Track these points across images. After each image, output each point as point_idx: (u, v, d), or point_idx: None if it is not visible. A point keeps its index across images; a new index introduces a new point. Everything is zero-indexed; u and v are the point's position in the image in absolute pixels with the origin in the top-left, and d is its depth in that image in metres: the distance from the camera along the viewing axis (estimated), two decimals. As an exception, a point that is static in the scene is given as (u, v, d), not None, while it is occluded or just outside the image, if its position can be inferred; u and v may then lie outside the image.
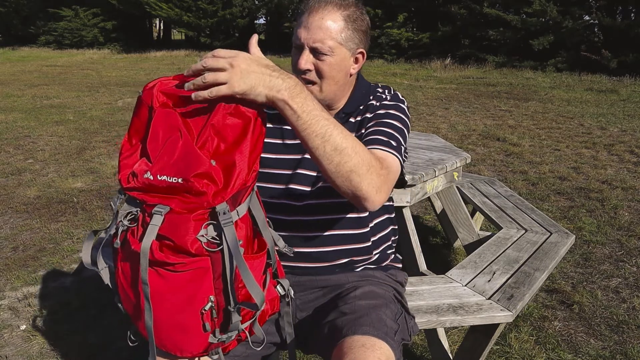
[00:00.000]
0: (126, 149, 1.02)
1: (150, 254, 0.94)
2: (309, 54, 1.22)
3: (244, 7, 20.15)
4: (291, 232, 1.31)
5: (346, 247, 1.34)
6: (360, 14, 1.26)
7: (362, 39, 1.27)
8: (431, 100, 8.66)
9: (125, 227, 0.99)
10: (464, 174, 3.08)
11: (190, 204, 0.93)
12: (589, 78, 11.23)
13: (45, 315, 2.40)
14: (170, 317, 1.00)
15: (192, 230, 0.93)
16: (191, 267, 0.95)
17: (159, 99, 1.00)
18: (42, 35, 22.45)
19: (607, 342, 2.19)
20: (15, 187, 4.21)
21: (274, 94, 0.95)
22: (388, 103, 1.32)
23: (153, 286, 0.96)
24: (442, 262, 2.92)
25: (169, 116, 0.97)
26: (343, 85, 1.30)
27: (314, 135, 0.99)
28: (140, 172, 0.95)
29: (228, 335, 1.02)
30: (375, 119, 1.28)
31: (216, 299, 0.99)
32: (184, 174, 0.92)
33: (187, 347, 1.03)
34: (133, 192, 0.97)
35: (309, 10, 1.22)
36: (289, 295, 1.20)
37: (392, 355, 1.09)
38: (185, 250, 0.94)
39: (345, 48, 1.24)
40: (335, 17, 1.21)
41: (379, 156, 1.15)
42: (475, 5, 13.78)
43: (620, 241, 3.19)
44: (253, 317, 1.06)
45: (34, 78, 11.82)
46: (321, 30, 1.20)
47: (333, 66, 1.23)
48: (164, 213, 0.93)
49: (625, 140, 5.79)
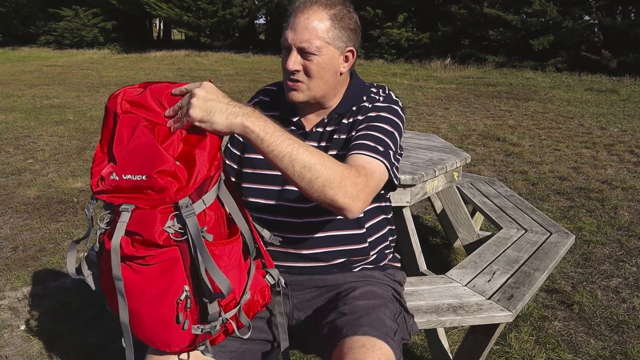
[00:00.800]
0: (98, 157, 1.06)
1: (121, 250, 0.98)
2: (296, 54, 1.23)
3: (244, 7, 20.14)
4: (287, 234, 1.31)
5: (342, 248, 1.34)
6: (348, 12, 1.26)
7: (350, 37, 1.27)
8: (431, 100, 8.65)
9: (103, 230, 1.03)
10: (464, 174, 3.08)
11: (153, 201, 0.97)
12: (589, 78, 11.23)
13: (45, 315, 2.40)
14: (151, 311, 1.02)
15: (158, 222, 0.97)
16: (161, 259, 0.99)
17: (122, 107, 1.04)
18: (42, 35, 22.44)
19: (607, 342, 2.19)
20: (15, 187, 4.21)
21: (232, 119, 0.98)
22: (380, 105, 1.31)
23: (130, 282, 1.00)
24: (442, 262, 2.92)
25: (132, 120, 1.01)
26: (333, 84, 1.30)
27: (281, 156, 1.01)
28: (107, 175, 1.00)
29: (212, 326, 1.04)
30: (366, 122, 1.28)
31: (190, 289, 1.01)
32: (148, 171, 0.96)
33: (173, 341, 1.05)
34: (102, 195, 1.01)
35: (295, 12, 1.23)
36: (279, 285, 1.22)
37: (392, 355, 1.09)
38: (154, 242, 0.97)
39: (333, 47, 1.24)
40: (321, 16, 1.21)
41: (359, 164, 1.15)
42: (475, 5, 13.77)
43: (620, 241, 3.19)
44: (236, 305, 1.07)
45: (34, 78, 11.82)
46: (307, 31, 1.21)
47: (321, 65, 1.24)
48: (131, 209, 0.98)
49: (625, 140, 5.79)
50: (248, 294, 1.10)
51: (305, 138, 1.33)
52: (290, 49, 1.23)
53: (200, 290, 1.01)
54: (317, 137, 1.33)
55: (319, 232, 1.32)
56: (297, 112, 1.36)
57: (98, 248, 1.06)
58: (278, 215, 1.32)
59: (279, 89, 1.40)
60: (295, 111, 1.36)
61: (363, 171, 1.13)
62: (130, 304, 1.02)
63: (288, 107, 1.36)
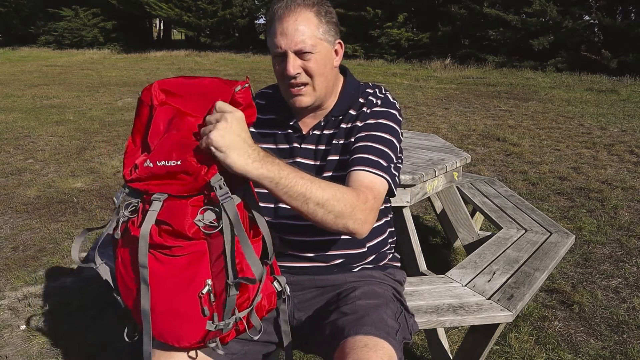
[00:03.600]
0: (130, 149, 1.06)
1: (150, 238, 0.97)
2: (294, 57, 1.23)
3: (244, 7, 20.14)
4: (286, 236, 1.31)
5: (342, 252, 1.34)
6: (328, 7, 1.28)
7: (336, 30, 1.30)
8: (431, 100, 8.65)
9: (126, 218, 1.02)
10: (464, 174, 3.08)
11: (187, 185, 0.97)
12: (589, 78, 11.23)
13: (45, 315, 2.40)
14: (168, 302, 1.02)
15: (189, 214, 0.97)
16: (188, 251, 0.99)
17: (158, 97, 1.04)
18: (42, 35, 22.43)
19: (607, 342, 2.19)
20: (15, 187, 4.21)
21: (249, 164, 0.96)
22: (379, 110, 1.31)
23: (152, 271, 0.99)
24: (442, 262, 2.92)
25: (168, 111, 1.01)
26: (332, 80, 1.32)
27: (295, 196, 1.03)
28: (140, 163, 1.00)
29: (225, 323, 1.03)
30: (366, 130, 1.28)
31: (213, 283, 1.01)
32: (182, 156, 0.96)
33: (184, 335, 1.04)
34: (135, 183, 1.01)
35: (278, 18, 1.23)
36: (285, 292, 1.22)
37: (394, 355, 1.09)
38: (183, 234, 0.97)
39: (326, 42, 1.26)
40: (308, 15, 1.22)
41: (365, 184, 1.18)
42: (475, 5, 13.77)
43: (620, 241, 3.19)
44: (250, 305, 1.07)
45: (34, 78, 11.82)
46: (299, 32, 1.21)
47: (320, 62, 1.25)
48: (163, 199, 0.98)
49: (625, 140, 5.79)
50: (260, 296, 1.10)
51: (302, 140, 1.34)
52: (286, 54, 1.23)
53: (221, 286, 1.01)
54: (315, 140, 1.33)
55: (318, 235, 1.31)
56: (293, 115, 1.36)
57: (119, 235, 1.04)
58: (279, 218, 1.32)
59: (275, 92, 1.40)
60: (291, 114, 1.36)
61: (370, 194, 1.16)
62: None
63: (284, 110, 1.36)
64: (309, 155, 1.33)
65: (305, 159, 1.33)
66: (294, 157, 1.33)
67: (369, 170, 1.21)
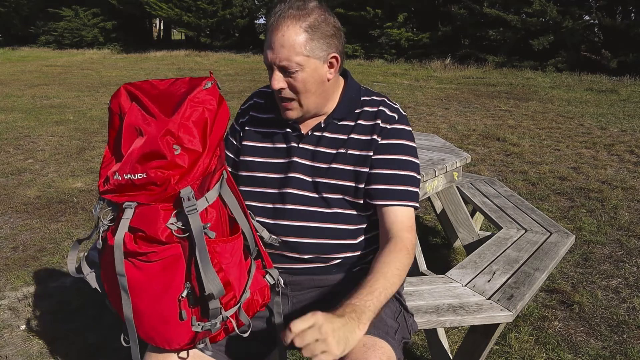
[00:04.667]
0: (106, 159, 1.08)
1: (124, 246, 0.99)
2: (278, 73, 1.20)
3: (244, 7, 20.14)
4: (284, 237, 1.31)
5: (341, 254, 1.33)
6: (324, 18, 1.20)
7: (331, 43, 1.22)
8: (431, 100, 8.65)
9: (106, 227, 1.04)
10: (464, 174, 3.08)
11: (155, 195, 0.99)
12: (589, 78, 11.23)
13: (45, 315, 2.40)
14: (152, 308, 1.03)
15: (161, 219, 0.98)
16: (163, 256, 1.00)
17: (125, 105, 1.06)
18: (42, 35, 22.44)
19: (607, 342, 2.19)
20: (15, 187, 4.21)
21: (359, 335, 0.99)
22: (398, 128, 1.31)
23: (132, 278, 1.01)
24: (442, 262, 2.92)
25: (134, 116, 1.03)
26: (323, 93, 1.28)
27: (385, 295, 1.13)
28: (111, 175, 1.02)
29: (212, 323, 1.04)
30: (390, 153, 1.29)
31: (192, 285, 1.02)
32: (146, 169, 0.98)
33: (173, 338, 1.05)
34: (107, 194, 1.03)
35: (270, 29, 1.19)
36: (279, 285, 1.22)
37: (393, 354, 1.09)
38: (156, 239, 0.98)
39: (314, 58, 1.20)
40: (296, 30, 1.16)
41: (406, 228, 1.25)
42: (475, 5, 13.76)
43: (620, 241, 3.19)
44: (237, 304, 1.07)
45: (34, 78, 11.82)
46: (285, 48, 1.16)
47: (306, 80, 1.20)
48: (134, 206, 0.99)
49: (625, 140, 5.79)
50: (248, 293, 1.11)
51: (300, 140, 1.33)
52: (272, 68, 1.20)
53: (201, 287, 1.01)
54: (314, 141, 1.32)
55: (317, 237, 1.30)
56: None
57: (101, 245, 1.06)
58: (277, 219, 1.32)
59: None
60: None
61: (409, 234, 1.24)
62: (132, 300, 1.02)
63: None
64: (306, 155, 1.32)
65: (301, 158, 1.32)
66: (290, 157, 1.32)
67: (405, 204, 1.26)
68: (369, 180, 1.28)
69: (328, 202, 1.29)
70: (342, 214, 1.30)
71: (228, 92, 9.28)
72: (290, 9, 1.17)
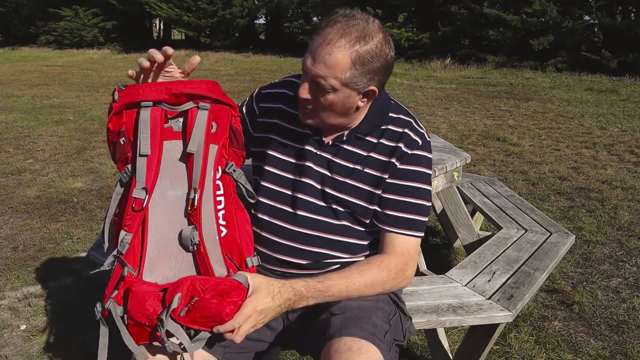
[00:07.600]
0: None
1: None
2: (310, 83, 1.14)
3: (244, 7, 20.15)
4: (282, 240, 1.30)
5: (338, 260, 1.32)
6: (379, 51, 1.11)
7: (373, 77, 1.14)
8: (431, 100, 8.65)
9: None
10: (464, 174, 3.08)
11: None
12: (589, 78, 11.23)
13: (45, 315, 2.40)
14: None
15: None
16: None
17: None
18: (42, 35, 22.42)
19: (607, 342, 2.19)
20: (15, 187, 4.21)
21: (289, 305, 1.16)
22: (419, 155, 1.27)
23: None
24: (442, 262, 2.92)
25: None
26: (347, 116, 1.21)
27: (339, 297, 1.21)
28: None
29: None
30: (406, 179, 1.26)
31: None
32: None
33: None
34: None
35: (322, 36, 1.10)
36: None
37: (380, 357, 1.06)
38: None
39: (350, 88, 1.13)
40: (344, 55, 1.08)
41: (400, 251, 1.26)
42: (475, 5, 13.76)
43: (620, 241, 3.19)
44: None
45: (34, 78, 11.82)
46: (326, 67, 1.09)
47: (333, 102, 1.15)
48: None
49: (625, 140, 5.79)
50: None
51: (319, 147, 1.28)
52: (306, 75, 1.14)
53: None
54: (333, 152, 1.28)
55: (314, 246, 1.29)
56: None
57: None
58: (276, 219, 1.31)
59: None
60: None
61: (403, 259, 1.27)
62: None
63: None
64: (322, 163, 1.28)
65: (317, 165, 1.28)
66: (304, 160, 1.28)
67: (408, 233, 1.27)
68: (379, 203, 1.27)
69: (337, 214, 1.28)
70: (344, 227, 1.29)
71: (228, 92, 9.21)
72: (351, 27, 1.09)
